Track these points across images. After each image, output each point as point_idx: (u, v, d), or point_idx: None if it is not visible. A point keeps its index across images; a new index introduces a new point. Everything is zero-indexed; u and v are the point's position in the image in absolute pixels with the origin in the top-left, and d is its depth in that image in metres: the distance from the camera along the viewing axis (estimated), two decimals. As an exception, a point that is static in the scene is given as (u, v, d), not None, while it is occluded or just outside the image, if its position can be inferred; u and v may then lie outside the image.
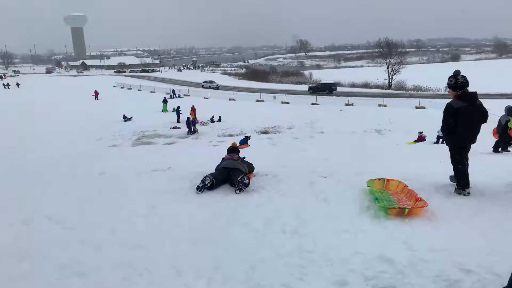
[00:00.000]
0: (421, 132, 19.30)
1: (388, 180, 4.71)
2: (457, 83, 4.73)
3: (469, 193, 4.30)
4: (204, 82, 59.62)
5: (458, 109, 4.56)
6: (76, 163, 9.89)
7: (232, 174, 5.59)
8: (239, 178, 5.28)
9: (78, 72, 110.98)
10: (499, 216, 3.64)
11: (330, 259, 3.18)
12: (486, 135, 7.95)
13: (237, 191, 5.16)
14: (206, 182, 5.42)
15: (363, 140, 19.36)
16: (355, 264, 3.06)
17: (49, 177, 7.19)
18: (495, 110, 25.90)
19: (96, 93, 44.04)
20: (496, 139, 10.31)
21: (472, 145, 4.52)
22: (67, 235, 3.99)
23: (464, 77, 4.76)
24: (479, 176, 4.68)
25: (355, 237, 3.50)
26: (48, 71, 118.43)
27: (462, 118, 4.56)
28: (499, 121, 9.93)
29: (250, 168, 6.40)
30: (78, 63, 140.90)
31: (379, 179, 4.72)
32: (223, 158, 6.56)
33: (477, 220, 3.57)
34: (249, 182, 5.48)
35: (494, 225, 3.40)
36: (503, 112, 10.22)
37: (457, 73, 4.84)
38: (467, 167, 4.53)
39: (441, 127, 4.76)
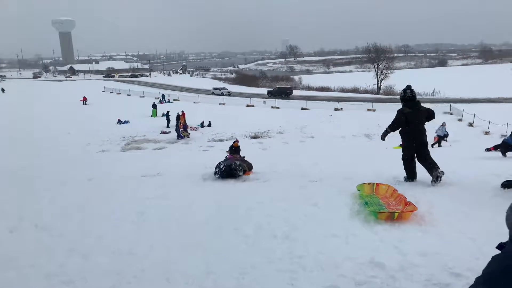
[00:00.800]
0: None
1: (377, 184, 4.74)
2: (405, 96, 5.89)
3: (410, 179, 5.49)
4: (215, 88, 53.08)
5: (408, 118, 5.62)
6: (63, 169, 9.76)
7: (234, 172, 6.58)
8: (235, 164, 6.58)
9: (66, 77, 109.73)
10: (487, 219, 3.67)
11: (321, 264, 3.16)
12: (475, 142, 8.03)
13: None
14: (221, 167, 6.68)
15: (353, 145, 19.50)
16: (346, 269, 3.05)
17: (35, 184, 7.07)
18: (481, 114, 26.35)
19: (84, 98, 43.63)
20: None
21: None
22: (54, 242, 3.92)
23: (412, 91, 5.93)
24: (467, 180, 4.73)
25: (346, 242, 3.49)
26: (36, 76, 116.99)
27: (410, 124, 5.66)
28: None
29: (249, 166, 7.32)
30: (66, 67, 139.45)
31: (369, 184, 4.74)
32: (226, 157, 7.62)
33: (465, 224, 3.60)
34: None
35: (482, 229, 3.43)
36: (488, 117, 10.43)
37: (408, 87, 5.98)
38: (415, 164, 5.54)
39: (389, 125, 5.99)
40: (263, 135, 25.81)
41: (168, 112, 29.04)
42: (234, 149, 9.95)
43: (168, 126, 27.35)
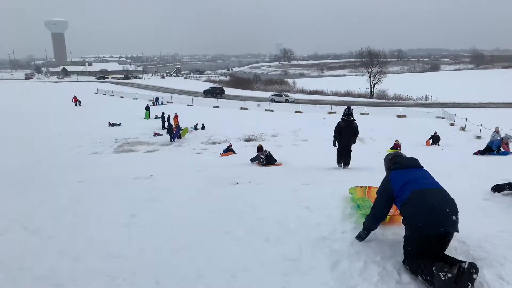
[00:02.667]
0: (397, 140, 19.70)
1: (369, 187, 4.75)
2: (345, 113, 9.11)
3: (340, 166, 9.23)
4: (276, 95, 50.25)
5: (341, 126, 9.01)
6: (54, 171, 9.68)
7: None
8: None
9: (58, 78, 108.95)
10: (477, 223, 3.69)
11: (313, 266, 3.16)
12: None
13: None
14: (262, 157, 11.13)
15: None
16: (338, 271, 3.05)
17: (25, 185, 7.00)
18: (472, 119, 26.62)
19: (75, 99, 43.33)
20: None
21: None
22: (44, 245, 3.87)
23: (350, 109, 9.26)
24: (460, 184, 4.77)
25: (338, 245, 3.48)
26: (28, 77, 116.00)
27: (342, 131, 9.01)
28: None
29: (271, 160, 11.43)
30: (59, 69, 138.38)
31: (361, 187, 4.76)
32: (257, 154, 11.68)
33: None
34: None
35: (472, 232, 3.45)
36: (480, 121, 10.68)
37: (348, 107, 9.35)
38: (343, 156, 9.18)
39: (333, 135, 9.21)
40: (257, 138, 25.82)
41: (163, 114, 28.95)
42: (259, 148, 13.19)
43: (163, 128, 27.27)
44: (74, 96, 43.75)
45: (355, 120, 9.12)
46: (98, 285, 3.05)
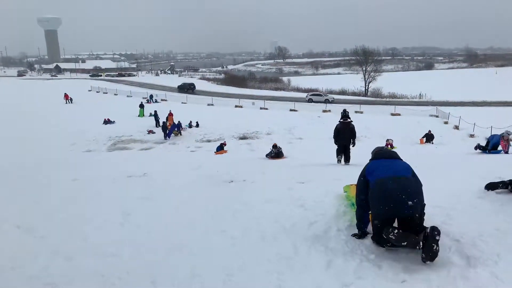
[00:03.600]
0: (388, 140, 19.75)
1: None
2: (342, 115, 9.91)
3: (339, 161, 9.79)
4: (314, 95, 47.82)
5: (338, 128, 9.75)
6: (47, 169, 9.59)
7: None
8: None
9: (51, 76, 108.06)
10: (471, 220, 3.71)
11: (308, 265, 3.16)
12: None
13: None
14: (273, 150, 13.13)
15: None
16: (333, 270, 3.05)
17: (18, 184, 6.94)
18: (466, 117, 26.79)
19: (67, 96, 43.03)
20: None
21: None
22: (37, 244, 3.84)
23: (345, 112, 10.15)
24: (453, 182, 4.79)
25: (333, 243, 3.49)
26: (20, 74, 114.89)
27: (340, 133, 9.66)
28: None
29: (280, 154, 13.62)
30: (52, 66, 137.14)
31: (355, 185, 4.74)
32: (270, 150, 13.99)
33: (449, 225, 3.63)
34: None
35: (466, 230, 3.47)
36: (473, 120, 10.72)
37: (344, 110, 10.27)
38: (341, 153, 9.75)
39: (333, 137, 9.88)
40: (252, 136, 25.82)
41: (156, 111, 28.83)
42: (274, 145, 14.96)
43: (157, 126, 27.15)
44: (65, 93, 43.47)
45: (352, 121, 9.84)
46: (92, 284, 3.03)
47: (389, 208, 3.10)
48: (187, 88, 55.34)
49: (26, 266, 3.36)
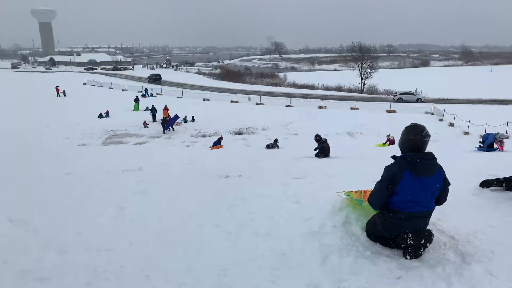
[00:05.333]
0: (389, 135, 19.78)
1: (365, 191, 4.66)
2: (318, 139, 12.69)
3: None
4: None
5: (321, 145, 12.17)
6: (40, 163, 9.52)
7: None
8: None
9: (46, 68, 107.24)
10: (467, 218, 3.72)
11: (303, 261, 3.15)
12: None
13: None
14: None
15: (336, 143, 19.63)
16: (328, 266, 3.04)
17: (11, 177, 6.87)
18: (461, 115, 26.89)
19: (57, 89, 42.71)
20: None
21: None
22: (29, 237, 3.80)
23: (318, 136, 12.77)
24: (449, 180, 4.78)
25: (328, 239, 3.47)
26: (14, 67, 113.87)
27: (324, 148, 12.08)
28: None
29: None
30: (46, 59, 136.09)
31: (356, 191, 4.68)
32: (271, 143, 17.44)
33: (445, 222, 3.63)
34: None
35: (461, 226, 3.48)
36: (468, 117, 10.74)
37: (317, 135, 12.94)
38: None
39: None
40: (247, 131, 25.81)
41: (153, 106, 28.69)
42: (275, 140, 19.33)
43: (153, 121, 27.02)
44: (56, 86, 43.13)
45: (326, 140, 12.65)
46: (85, 278, 3.00)
47: (405, 231, 3.05)
48: (154, 79, 63.04)
49: (18, 259, 3.32)
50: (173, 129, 24.97)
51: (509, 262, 2.90)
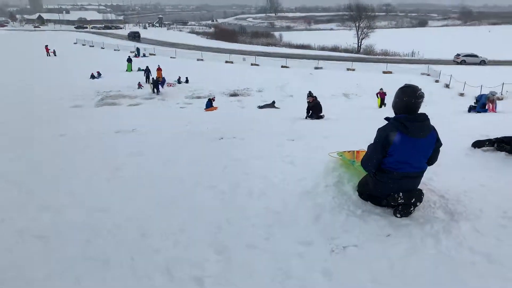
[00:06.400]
0: (381, 89, 19.75)
1: (357, 151, 4.69)
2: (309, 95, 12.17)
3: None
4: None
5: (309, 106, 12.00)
6: (33, 124, 9.44)
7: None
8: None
9: (34, 27, 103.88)
10: (458, 178, 3.78)
11: (296, 219, 3.21)
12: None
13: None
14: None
15: (331, 104, 19.56)
16: (321, 223, 3.11)
17: (3, 139, 6.82)
18: (457, 76, 26.69)
19: (47, 49, 41.57)
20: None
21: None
22: (25, 198, 3.82)
23: (311, 94, 12.29)
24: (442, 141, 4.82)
25: (321, 199, 3.53)
26: (1, 25, 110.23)
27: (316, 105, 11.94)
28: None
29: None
30: (35, 16, 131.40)
31: (349, 151, 4.69)
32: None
33: (436, 182, 3.69)
34: None
35: (452, 186, 3.55)
36: (464, 79, 10.64)
37: (310, 92, 12.36)
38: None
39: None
40: (242, 93, 25.58)
41: (147, 67, 28.10)
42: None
43: (147, 82, 26.58)
44: (46, 45, 41.94)
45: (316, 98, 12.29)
46: (82, 237, 3.05)
47: (395, 191, 3.10)
48: (133, 36, 66.56)
49: (15, 218, 3.36)
50: (158, 92, 24.33)
51: (497, 220, 2.98)
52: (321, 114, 11.81)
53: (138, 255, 2.79)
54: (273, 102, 20.18)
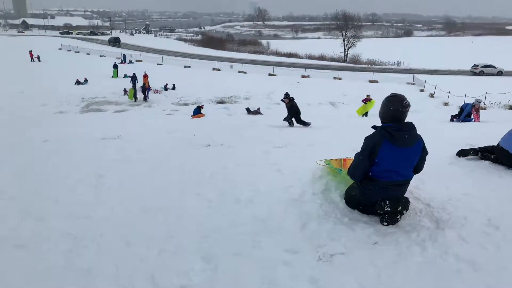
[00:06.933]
0: (368, 95, 19.83)
1: (344, 159, 4.71)
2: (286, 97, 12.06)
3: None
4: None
5: (292, 104, 11.83)
6: (15, 130, 9.24)
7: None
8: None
9: (18, 32, 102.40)
10: (443, 186, 3.82)
11: (283, 227, 3.20)
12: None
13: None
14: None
15: (318, 112, 19.71)
16: (307, 232, 3.10)
17: (-15, 144, 6.64)
18: (442, 86, 27.23)
19: (31, 54, 41.00)
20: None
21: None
22: (5, 206, 3.71)
23: (287, 95, 12.20)
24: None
25: (308, 207, 3.52)
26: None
27: (293, 107, 11.81)
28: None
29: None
30: (19, 21, 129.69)
31: (336, 159, 4.71)
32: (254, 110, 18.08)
33: (422, 190, 3.73)
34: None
35: (437, 194, 3.58)
36: (448, 88, 10.82)
37: (286, 93, 12.30)
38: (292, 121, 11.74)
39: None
40: (229, 100, 25.58)
41: (134, 74, 27.86)
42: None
43: (134, 89, 26.27)
44: (30, 51, 41.35)
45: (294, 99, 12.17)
46: (64, 246, 2.97)
47: (382, 199, 3.11)
48: (113, 41, 68.79)
49: (-6, 228, 3.26)
50: (145, 99, 24.26)
51: (481, 228, 3.02)
52: (308, 122, 11.76)
53: (122, 264, 2.73)
54: (258, 109, 20.93)
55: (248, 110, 20.78)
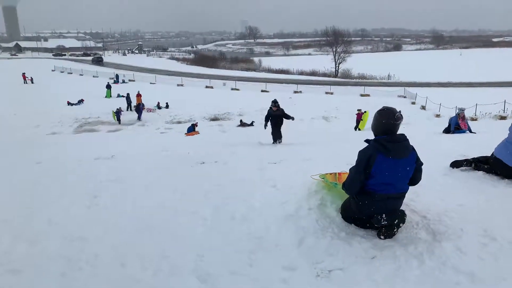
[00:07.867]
0: (360, 109, 20.23)
1: (339, 173, 4.72)
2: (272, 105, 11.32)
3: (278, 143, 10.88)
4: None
5: (270, 112, 11.32)
6: (9, 151, 9.16)
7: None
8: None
9: (11, 55, 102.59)
10: (437, 198, 3.83)
11: (279, 243, 3.17)
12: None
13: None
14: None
15: (311, 127, 19.83)
16: (304, 248, 3.07)
17: (-23, 167, 6.58)
18: (432, 98, 27.53)
19: (24, 76, 41.06)
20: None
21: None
22: (-2, 229, 3.65)
23: (276, 103, 11.43)
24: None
25: (304, 222, 3.50)
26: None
27: (273, 116, 11.25)
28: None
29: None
30: (11, 44, 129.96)
31: (331, 173, 4.71)
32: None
33: (417, 202, 3.73)
34: None
35: (431, 207, 3.58)
36: (439, 100, 10.92)
37: (274, 100, 11.52)
38: (276, 132, 11.23)
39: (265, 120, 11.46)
40: (223, 117, 25.66)
41: (128, 94, 27.94)
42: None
43: (128, 109, 26.34)
44: (23, 73, 41.42)
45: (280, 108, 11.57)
46: (58, 269, 2.92)
47: (378, 216, 3.09)
48: (96, 61, 71.39)
49: (-14, 252, 3.19)
50: (139, 118, 24.26)
51: (478, 239, 3.01)
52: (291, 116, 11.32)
53: (118, 286, 2.68)
54: (252, 122, 22.22)
55: (241, 121, 22.48)
